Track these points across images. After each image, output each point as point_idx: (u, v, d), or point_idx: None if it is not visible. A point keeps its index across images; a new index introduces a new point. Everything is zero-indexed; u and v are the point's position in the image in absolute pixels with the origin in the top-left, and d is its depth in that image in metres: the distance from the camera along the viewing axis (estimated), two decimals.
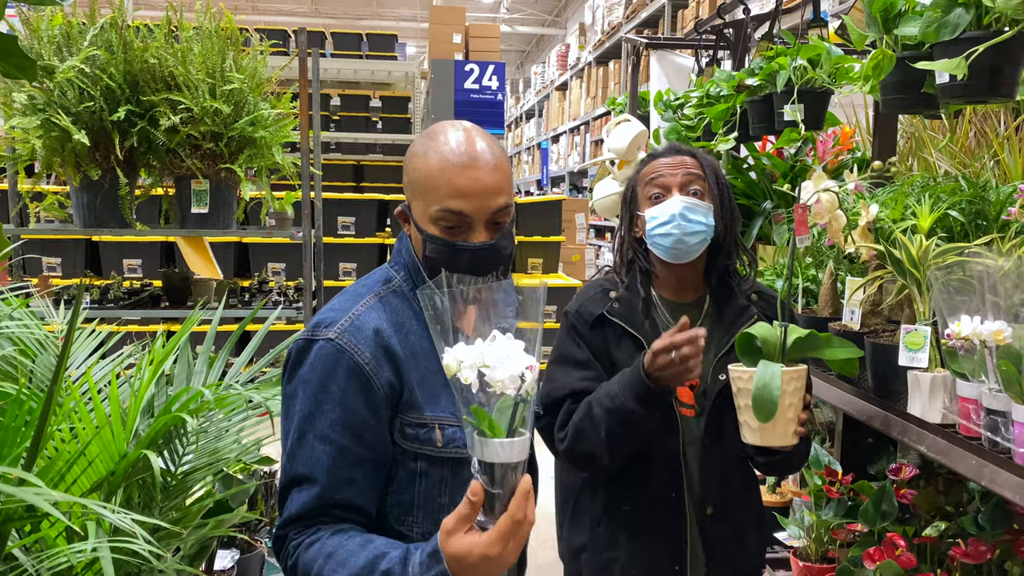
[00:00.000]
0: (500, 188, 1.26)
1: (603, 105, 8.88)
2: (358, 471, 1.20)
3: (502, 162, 1.28)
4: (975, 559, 1.69)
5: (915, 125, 2.51)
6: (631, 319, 1.71)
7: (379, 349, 1.22)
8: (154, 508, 1.57)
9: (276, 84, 3.49)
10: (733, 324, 1.71)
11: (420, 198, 1.27)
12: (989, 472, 1.28)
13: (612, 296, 1.74)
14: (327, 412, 1.20)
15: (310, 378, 1.22)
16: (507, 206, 1.27)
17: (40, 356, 1.79)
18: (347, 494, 1.20)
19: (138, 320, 4.03)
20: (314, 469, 1.19)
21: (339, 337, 1.22)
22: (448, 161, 1.24)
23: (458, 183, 1.23)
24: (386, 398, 1.22)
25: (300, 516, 1.19)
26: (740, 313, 1.73)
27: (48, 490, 1.00)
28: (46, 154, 3.13)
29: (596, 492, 1.75)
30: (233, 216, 3.46)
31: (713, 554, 1.69)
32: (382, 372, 1.21)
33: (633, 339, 1.69)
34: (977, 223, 1.63)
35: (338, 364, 1.21)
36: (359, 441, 1.20)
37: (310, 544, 1.17)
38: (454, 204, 1.23)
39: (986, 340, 1.28)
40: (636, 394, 1.57)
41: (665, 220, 1.66)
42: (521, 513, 1.03)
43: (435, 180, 1.25)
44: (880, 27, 1.65)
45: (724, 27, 3.47)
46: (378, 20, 16.11)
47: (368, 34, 7.76)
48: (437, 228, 1.25)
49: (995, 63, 1.43)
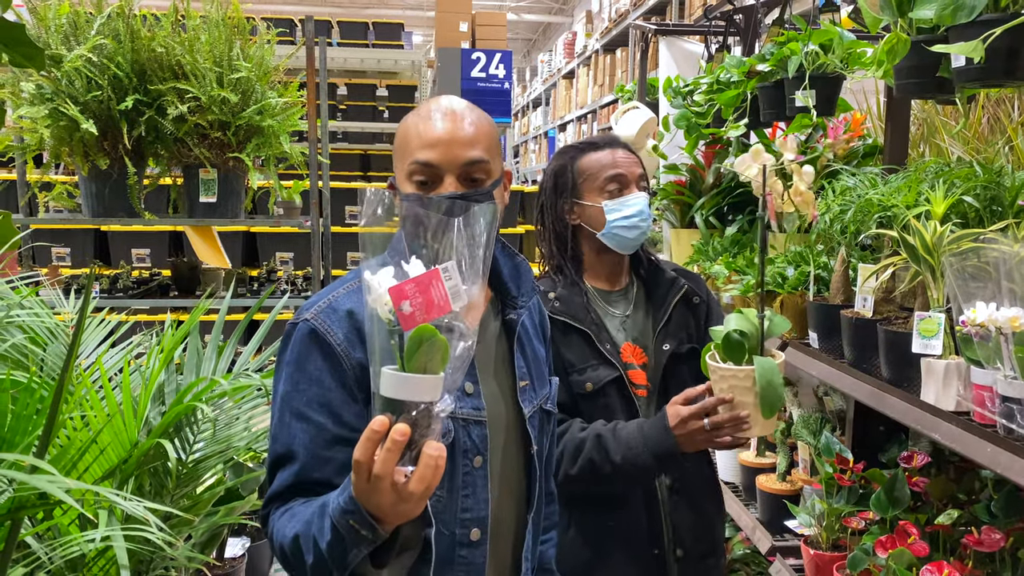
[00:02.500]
0: (473, 141, 1.24)
1: (610, 93, 8.84)
2: (336, 450, 1.19)
3: (481, 120, 1.27)
4: (988, 547, 1.68)
5: (927, 111, 2.49)
6: (575, 315, 1.74)
7: (352, 331, 1.21)
8: (165, 496, 1.57)
9: (283, 73, 3.48)
10: (666, 297, 1.82)
11: (399, 159, 1.28)
12: (1005, 459, 1.26)
13: (551, 297, 1.76)
14: (303, 391, 1.20)
15: (289, 359, 1.23)
16: (483, 161, 1.24)
17: (51, 345, 1.79)
18: (325, 473, 1.18)
19: (147, 309, 4.03)
20: (292, 446, 1.19)
21: (314, 318, 1.22)
22: (424, 116, 1.25)
23: (427, 135, 1.23)
24: (358, 379, 1.20)
25: (280, 493, 1.20)
26: (670, 286, 1.83)
27: (62, 478, 1.00)
28: (54, 144, 3.13)
29: None
30: (241, 205, 3.46)
31: (679, 525, 1.78)
32: (354, 353, 1.20)
33: (580, 333, 1.73)
34: (992, 209, 1.61)
35: (313, 344, 1.21)
36: (336, 420, 1.19)
37: (282, 513, 1.18)
38: (423, 155, 1.23)
39: (1002, 327, 1.27)
40: (656, 452, 1.59)
41: (633, 214, 1.74)
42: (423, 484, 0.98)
43: (408, 137, 1.25)
44: (895, 10, 1.62)
45: (734, 13, 3.44)
46: (384, 9, 16.04)
47: (374, 23, 7.73)
48: (412, 185, 1.24)
49: (1012, 46, 1.40)
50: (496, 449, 1.28)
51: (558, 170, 1.82)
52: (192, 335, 1.86)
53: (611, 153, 1.79)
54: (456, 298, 0.96)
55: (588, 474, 1.63)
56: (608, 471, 1.62)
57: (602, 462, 1.62)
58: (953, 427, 1.40)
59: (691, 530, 1.79)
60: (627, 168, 1.78)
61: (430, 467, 0.98)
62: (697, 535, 1.81)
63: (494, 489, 1.26)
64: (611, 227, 1.76)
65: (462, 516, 1.22)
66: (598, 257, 1.81)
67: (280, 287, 4.17)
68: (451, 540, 1.22)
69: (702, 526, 1.83)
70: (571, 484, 1.67)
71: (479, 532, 1.24)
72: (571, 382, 1.73)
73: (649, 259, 1.88)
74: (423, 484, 0.98)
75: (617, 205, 1.75)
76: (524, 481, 1.33)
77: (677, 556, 1.78)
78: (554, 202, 1.81)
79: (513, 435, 1.31)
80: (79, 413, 1.49)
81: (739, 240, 2.58)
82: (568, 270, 1.80)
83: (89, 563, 1.32)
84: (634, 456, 1.59)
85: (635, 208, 1.75)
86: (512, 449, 1.31)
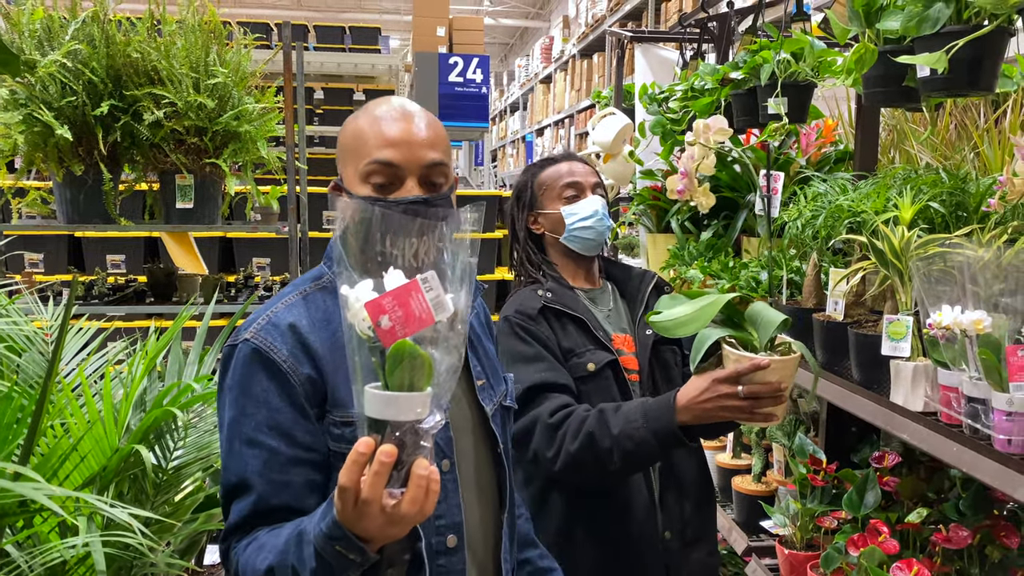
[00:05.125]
0: (433, 143, 1.21)
1: (588, 98, 8.89)
2: (294, 473, 1.14)
3: (436, 123, 1.25)
4: (956, 544, 1.72)
5: (897, 118, 2.54)
6: (568, 304, 1.82)
7: (297, 345, 1.16)
8: (145, 503, 1.57)
9: (260, 78, 3.48)
10: (639, 288, 1.93)
11: (351, 160, 1.23)
12: (969, 459, 1.30)
13: (541, 293, 1.83)
14: (251, 415, 1.15)
15: (232, 384, 1.17)
16: (442, 164, 1.22)
17: (27, 352, 1.78)
18: (284, 498, 1.14)
19: (123, 316, 4.00)
20: (245, 475, 1.14)
21: (254, 337, 1.17)
22: (378, 116, 1.21)
23: (389, 133, 1.19)
24: (308, 395, 1.16)
25: (239, 525, 1.15)
26: (641, 279, 1.96)
27: (45, 484, 1.00)
28: (28, 149, 3.10)
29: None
30: (218, 211, 3.44)
31: (669, 511, 1.82)
32: (301, 368, 1.16)
33: (576, 321, 1.81)
34: (958, 214, 1.66)
35: (256, 364, 1.16)
36: (290, 441, 1.14)
37: (247, 545, 1.13)
38: (384, 154, 1.18)
39: (966, 329, 1.30)
40: (655, 429, 1.56)
41: (588, 215, 1.86)
42: (416, 506, 0.94)
43: (365, 135, 1.21)
44: (862, 21, 1.67)
45: (708, 20, 3.48)
46: (361, 13, 16.01)
47: (351, 27, 7.73)
48: (368, 187, 1.20)
49: (974, 57, 1.45)
50: (463, 452, 1.26)
51: (520, 186, 1.96)
52: (173, 342, 1.86)
53: (568, 165, 1.93)
54: (440, 309, 0.92)
55: (587, 449, 1.61)
56: (607, 445, 1.59)
57: (601, 436, 1.60)
58: (921, 427, 1.43)
59: (681, 516, 1.83)
60: (582, 176, 1.90)
61: (421, 488, 0.94)
62: (687, 520, 1.84)
63: (465, 492, 1.24)
64: (571, 230, 1.87)
65: (437, 523, 1.20)
66: (567, 261, 1.92)
67: (258, 293, 4.16)
68: (428, 549, 1.18)
69: (693, 512, 1.86)
70: (570, 469, 1.65)
71: (455, 538, 1.22)
72: (571, 366, 1.77)
73: (613, 261, 2.03)
74: (415, 506, 0.94)
75: (574, 209, 1.87)
76: (494, 481, 1.32)
77: (665, 538, 1.80)
78: (519, 215, 1.93)
79: (479, 435, 1.30)
80: (59, 421, 1.49)
81: (714, 244, 2.61)
82: (544, 276, 1.88)
83: (70, 570, 1.32)
84: (632, 429, 1.57)
85: (590, 209, 1.86)
86: (479, 450, 1.30)
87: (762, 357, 1.45)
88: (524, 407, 1.69)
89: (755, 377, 1.45)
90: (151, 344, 1.76)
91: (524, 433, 1.69)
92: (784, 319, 1.46)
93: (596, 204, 1.88)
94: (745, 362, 1.45)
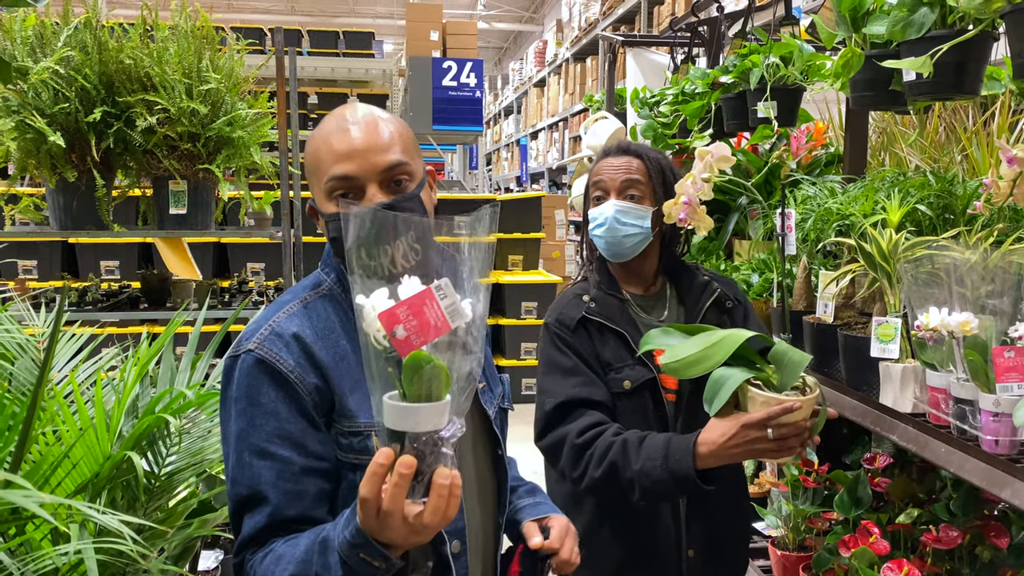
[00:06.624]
0: (389, 145, 1.19)
1: (581, 101, 8.91)
2: (307, 483, 1.14)
3: (392, 122, 1.22)
4: (947, 544, 1.73)
5: (887, 120, 2.55)
6: (610, 316, 1.74)
7: (303, 355, 1.16)
8: (138, 509, 1.57)
9: (253, 82, 3.48)
10: (698, 301, 1.79)
11: (314, 181, 1.22)
12: (958, 459, 1.31)
13: (586, 300, 1.77)
14: (261, 426, 1.14)
15: (238, 395, 1.16)
16: (402, 164, 1.19)
17: (20, 359, 1.78)
18: (300, 508, 1.13)
19: (117, 322, 4.00)
20: (259, 487, 1.13)
21: (259, 348, 1.16)
22: (328, 132, 1.21)
23: (339, 147, 1.18)
24: (316, 405, 1.15)
25: (253, 537, 1.14)
26: (703, 289, 1.81)
27: (37, 492, 1.01)
28: (21, 156, 3.10)
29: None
30: (212, 216, 3.45)
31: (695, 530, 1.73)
32: (308, 378, 1.15)
33: (616, 334, 1.73)
34: (945, 217, 1.67)
35: (263, 375, 1.15)
36: (301, 451, 1.14)
37: (263, 558, 1.12)
38: (338, 169, 1.17)
39: (954, 331, 1.31)
40: (674, 470, 1.52)
41: (601, 223, 1.75)
42: (438, 515, 0.94)
43: (320, 153, 1.20)
44: (849, 26, 1.68)
45: (699, 25, 3.50)
46: (355, 18, 16.02)
47: (345, 32, 7.74)
48: (334, 203, 1.19)
49: (959, 61, 1.47)
50: (466, 455, 1.27)
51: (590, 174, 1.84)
52: (166, 348, 1.86)
53: (609, 161, 1.78)
54: (455, 316, 0.89)
55: (610, 478, 1.59)
56: (628, 477, 1.57)
57: (623, 467, 1.58)
58: (909, 428, 1.44)
59: (707, 534, 1.74)
60: (609, 175, 1.76)
61: (443, 497, 0.94)
62: (712, 538, 1.76)
63: (467, 497, 1.25)
64: (592, 234, 1.78)
65: (443, 530, 1.17)
66: (613, 264, 1.82)
67: (252, 298, 4.16)
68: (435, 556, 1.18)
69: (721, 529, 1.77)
70: (595, 492, 1.65)
71: (459, 543, 1.22)
72: (608, 381, 1.71)
73: (675, 266, 1.84)
74: (437, 516, 0.94)
75: (594, 213, 1.77)
76: (494, 484, 1.33)
77: (689, 556, 1.73)
78: (583, 212, 1.84)
79: (480, 438, 1.31)
80: (51, 428, 1.49)
81: (705, 248, 2.63)
82: (596, 277, 1.80)
83: None
84: (652, 467, 1.54)
85: (601, 216, 1.74)
86: (481, 453, 1.31)
87: (792, 399, 1.41)
88: (555, 423, 1.68)
89: (783, 419, 1.41)
90: (143, 350, 1.76)
91: (553, 448, 1.68)
92: (809, 358, 1.45)
93: (607, 210, 1.74)
94: (774, 404, 1.41)
